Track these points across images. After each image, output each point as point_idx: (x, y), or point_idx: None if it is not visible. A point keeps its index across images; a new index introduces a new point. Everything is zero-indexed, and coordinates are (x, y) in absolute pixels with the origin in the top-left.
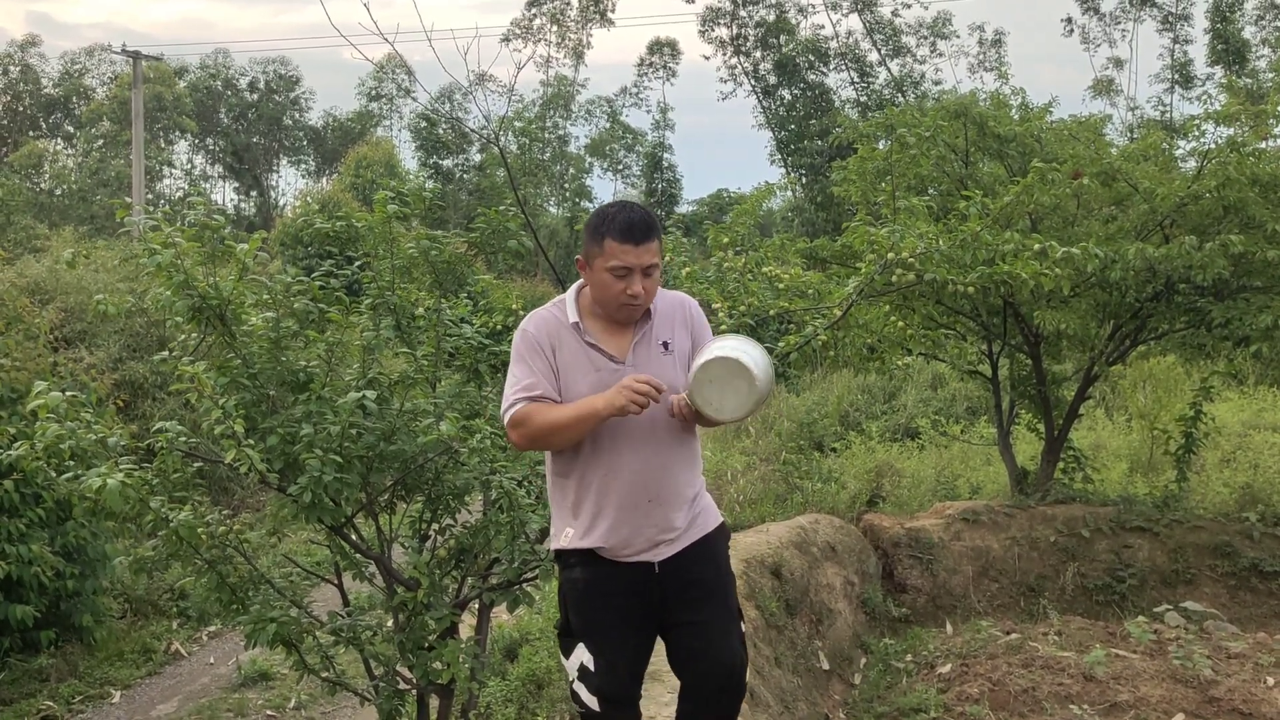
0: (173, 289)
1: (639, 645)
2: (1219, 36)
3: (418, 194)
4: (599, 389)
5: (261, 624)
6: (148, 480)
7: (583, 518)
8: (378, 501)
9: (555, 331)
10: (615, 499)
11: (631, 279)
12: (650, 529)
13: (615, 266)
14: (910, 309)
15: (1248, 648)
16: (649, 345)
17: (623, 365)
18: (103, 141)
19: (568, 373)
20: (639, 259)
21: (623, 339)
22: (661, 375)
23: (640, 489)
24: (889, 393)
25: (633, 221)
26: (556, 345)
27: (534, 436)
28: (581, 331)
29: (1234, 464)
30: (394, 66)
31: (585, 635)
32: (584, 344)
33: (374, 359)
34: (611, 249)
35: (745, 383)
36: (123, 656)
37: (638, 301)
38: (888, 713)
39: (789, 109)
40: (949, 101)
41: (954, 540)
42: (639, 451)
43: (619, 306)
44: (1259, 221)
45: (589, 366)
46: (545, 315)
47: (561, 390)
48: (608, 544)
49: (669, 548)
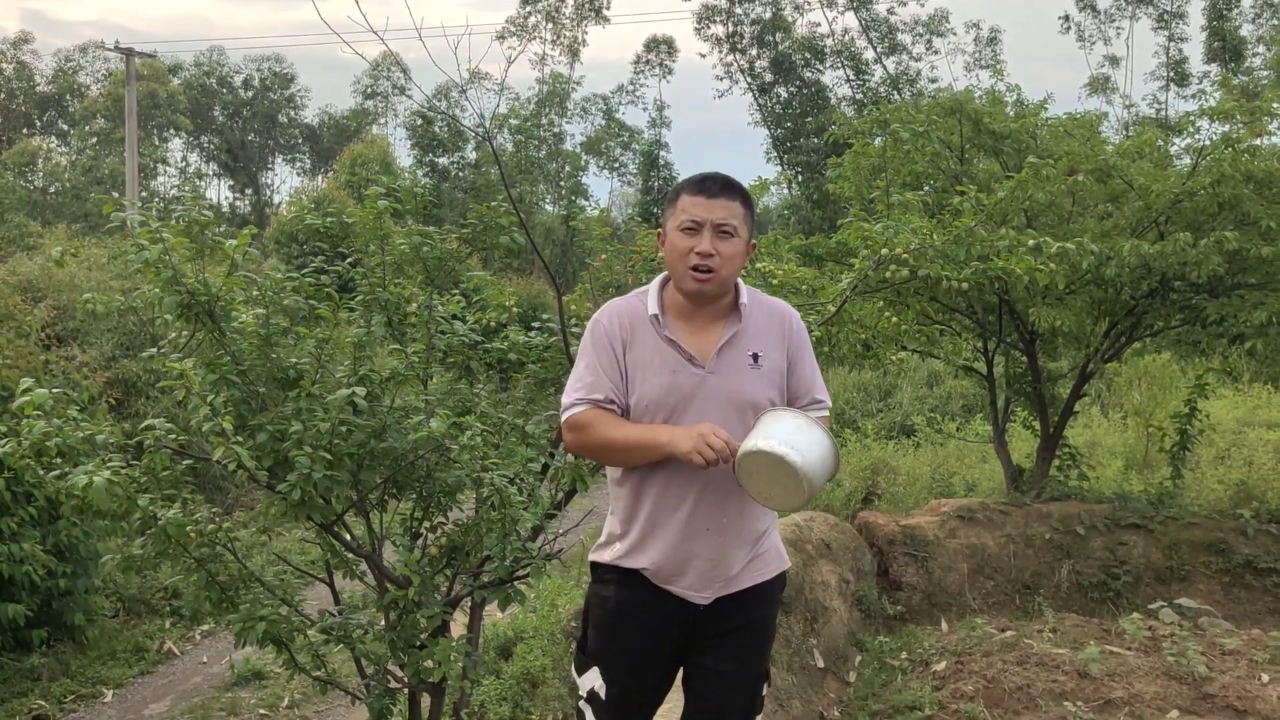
0: (161, 285)
1: (658, 683)
2: (1215, 34)
3: (410, 191)
4: (672, 392)
5: (251, 622)
6: (136, 478)
7: (632, 534)
8: (369, 499)
9: (630, 324)
10: (672, 521)
11: (700, 236)
12: (703, 563)
13: (684, 221)
14: (904, 305)
15: (1242, 644)
16: (737, 352)
17: (702, 370)
18: (97, 139)
19: (639, 370)
20: (710, 212)
21: (707, 339)
22: (745, 390)
23: (702, 515)
24: (885, 390)
25: (710, 175)
26: (629, 339)
27: (588, 446)
28: (660, 325)
29: (1229, 461)
30: (389, 64)
31: (602, 660)
32: (662, 339)
33: (365, 356)
34: (683, 204)
35: (793, 480)
36: (115, 655)
37: (707, 264)
38: (883, 710)
39: (785, 106)
40: (945, 98)
41: (949, 538)
42: (693, 475)
43: (685, 273)
44: (1253, 218)
45: (663, 366)
46: (622, 306)
47: (630, 390)
48: (654, 566)
49: (718, 589)
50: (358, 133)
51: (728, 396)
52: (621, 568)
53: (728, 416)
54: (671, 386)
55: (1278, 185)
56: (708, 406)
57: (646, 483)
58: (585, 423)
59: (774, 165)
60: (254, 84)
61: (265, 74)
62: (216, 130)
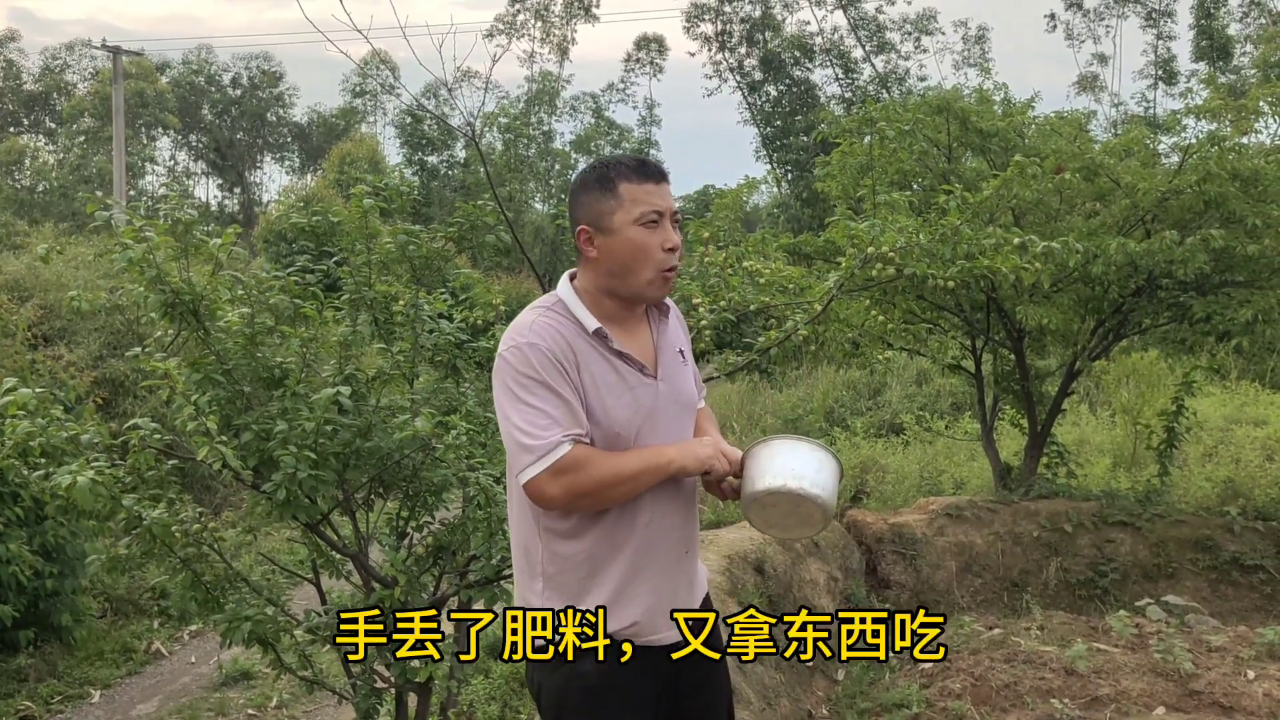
0: (145, 284)
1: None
2: (1203, 33)
3: (397, 189)
4: (638, 410)
5: (237, 622)
6: (120, 478)
7: (601, 590)
8: (355, 499)
9: (569, 343)
10: (659, 556)
11: (664, 227)
12: (683, 590)
13: (644, 213)
14: (891, 304)
15: (1228, 641)
16: (670, 352)
17: (654, 378)
18: (84, 138)
19: (597, 393)
20: (665, 201)
21: (643, 343)
22: (687, 390)
23: (680, 538)
24: (874, 389)
25: (642, 159)
26: (576, 361)
27: (584, 490)
28: (609, 339)
29: (1216, 458)
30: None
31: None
32: (611, 354)
33: (351, 355)
34: (632, 194)
35: (817, 515)
36: (103, 656)
37: (675, 260)
38: (870, 708)
39: (774, 105)
40: (932, 97)
41: (938, 536)
42: (678, 489)
43: (653, 278)
44: (1239, 216)
45: (622, 383)
46: (549, 326)
47: (586, 408)
48: (643, 618)
49: (687, 607)
50: (346, 131)
51: (675, 400)
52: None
53: (682, 421)
54: (636, 404)
55: (1264, 183)
56: (666, 415)
57: (622, 526)
58: (580, 462)
59: (763, 163)
60: (242, 82)
61: (254, 72)
62: (204, 129)
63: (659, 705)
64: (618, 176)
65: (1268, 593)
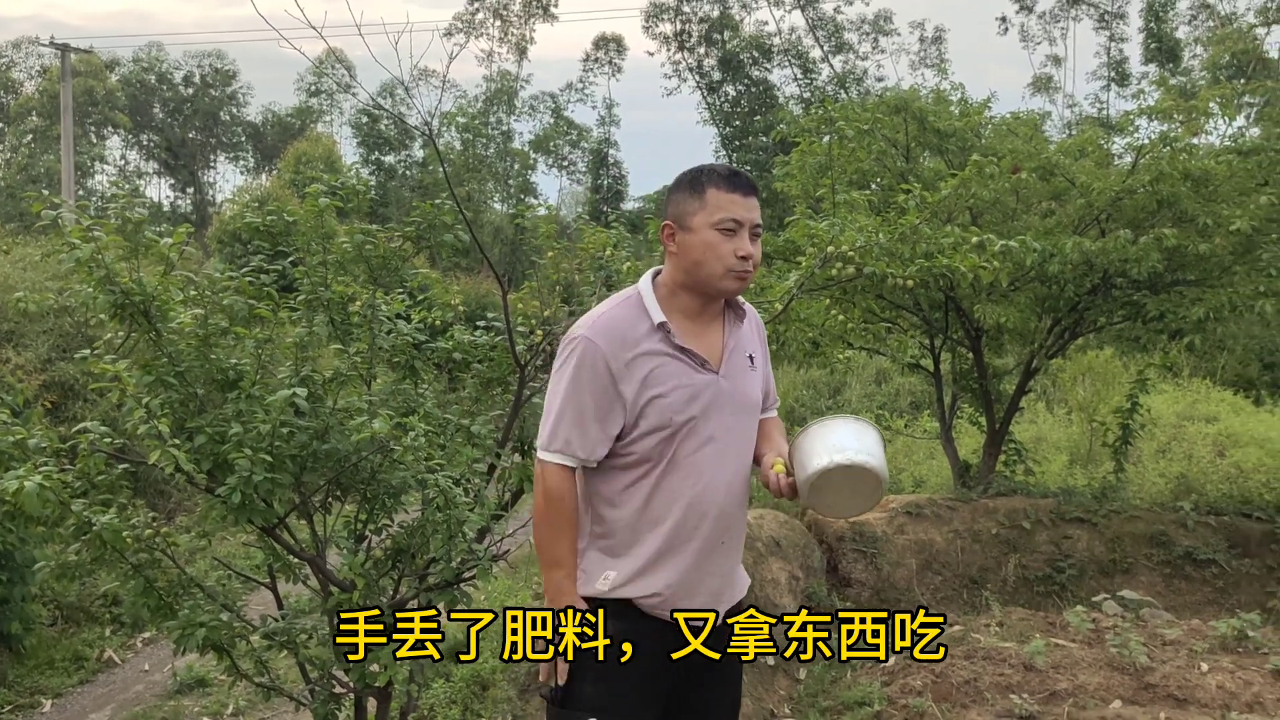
0: (94, 285)
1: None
2: (1153, 36)
3: (353, 188)
4: (693, 400)
5: (191, 629)
6: (69, 483)
7: (633, 557)
8: (312, 502)
9: (628, 341)
10: (697, 536)
11: (741, 237)
12: (714, 579)
13: (723, 220)
14: (851, 303)
15: (1182, 634)
16: (739, 354)
17: (715, 374)
18: (32, 137)
19: (650, 390)
20: (748, 212)
21: (712, 342)
22: (751, 392)
23: (722, 526)
24: (834, 388)
25: (736, 171)
26: (629, 361)
27: (539, 507)
28: (670, 334)
29: (1169, 455)
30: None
31: (602, 712)
32: (673, 349)
33: (307, 357)
34: (716, 200)
35: (873, 486)
36: (53, 664)
37: (749, 267)
38: (833, 707)
39: (733, 105)
40: (890, 97)
41: (898, 534)
42: (725, 473)
43: (724, 274)
44: (1191, 215)
45: (680, 373)
46: (614, 320)
47: (637, 408)
48: (665, 592)
49: (722, 606)
50: (302, 131)
51: (738, 400)
52: (618, 599)
53: (740, 420)
54: (691, 397)
55: (1214, 183)
56: (722, 411)
57: (660, 497)
58: (557, 495)
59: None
60: (195, 81)
61: (206, 70)
62: (156, 128)
63: (674, 682)
64: (708, 182)
65: (1220, 586)
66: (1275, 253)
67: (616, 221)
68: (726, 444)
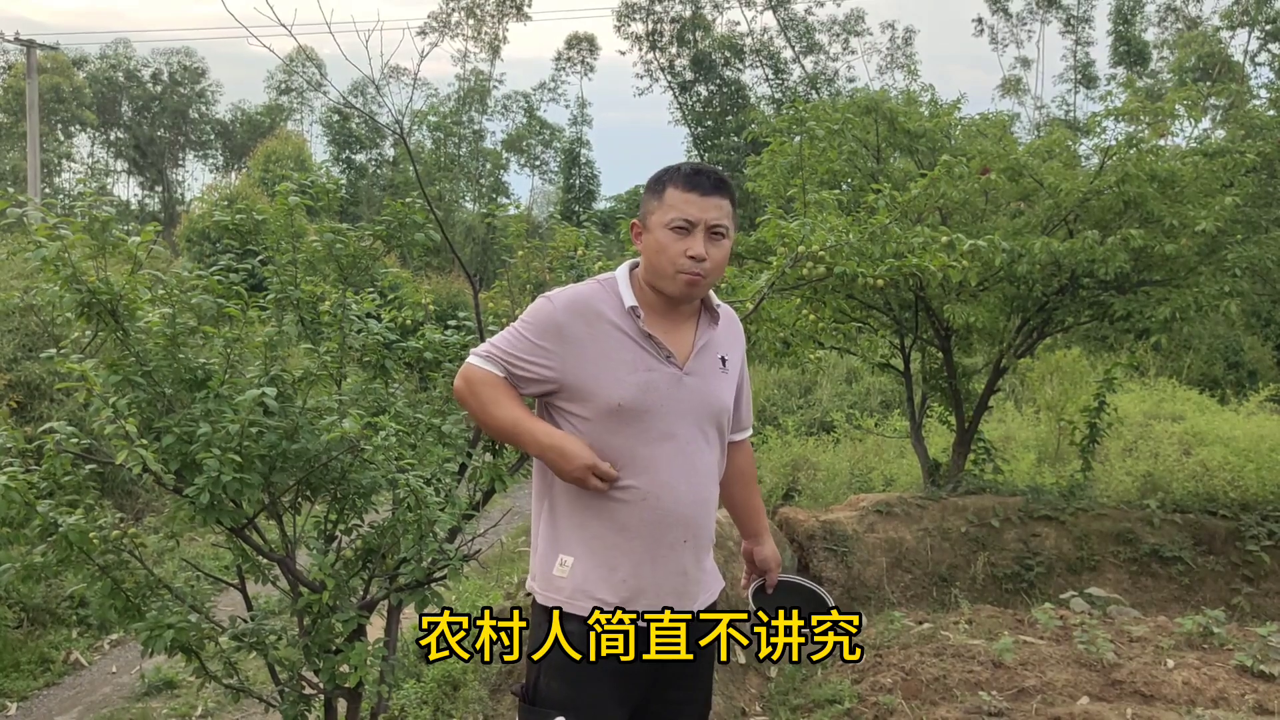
0: (60, 283)
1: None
2: (1120, 38)
3: (323, 187)
4: (649, 392)
5: (158, 630)
6: (34, 484)
7: (589, 549)
8: (281, 502)
9: (589, 315)
10: (648, 535)
11: (693, 237)
12: (675, 578)
13: (674, 219)
14: (822, 303)
15: (1148, 631)
16: (710, 355)
17: (679, 369)
18: None
19: (601, 367)
20: (704, 211)
21: (682, 338)
22: (717, 394)
23: (680, 524)
24: (805, 387)
25: (701, 169)
26: (583, 333)
27: (464, 401)
28: (639, 318)
29: (1135, 453)
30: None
31: (570, 710)
32: (638, 334)
33: (277, 356)
34: (672, 199)
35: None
36: (19, 667)
37: (699, 269)
38: (803, 705)
39: (705, 105)
40: (861, 97)
41: (868, 532)
42: (688, 471)
43: (674, 275)
44: (1157, 216)
45: (636, 363)
46: (582, 294)
47: (589, 384)
48: (617, 596)
49: (689, 605)
50: (272, 129)
51: (701, 399)
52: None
53: (700, 422)
54: (649, 385)
55: (1180, 185)
56: (683, 410)
57: (628, 492)
58: (476, 380)
59: None
60: (163, 78)
61: (175, 68)
62: (124, 125)
63: (645, 681)
64: (669, 181)
65: (1186, 583)
66: (1240, 253)
67: (588, 221)
68: (688, 442)
